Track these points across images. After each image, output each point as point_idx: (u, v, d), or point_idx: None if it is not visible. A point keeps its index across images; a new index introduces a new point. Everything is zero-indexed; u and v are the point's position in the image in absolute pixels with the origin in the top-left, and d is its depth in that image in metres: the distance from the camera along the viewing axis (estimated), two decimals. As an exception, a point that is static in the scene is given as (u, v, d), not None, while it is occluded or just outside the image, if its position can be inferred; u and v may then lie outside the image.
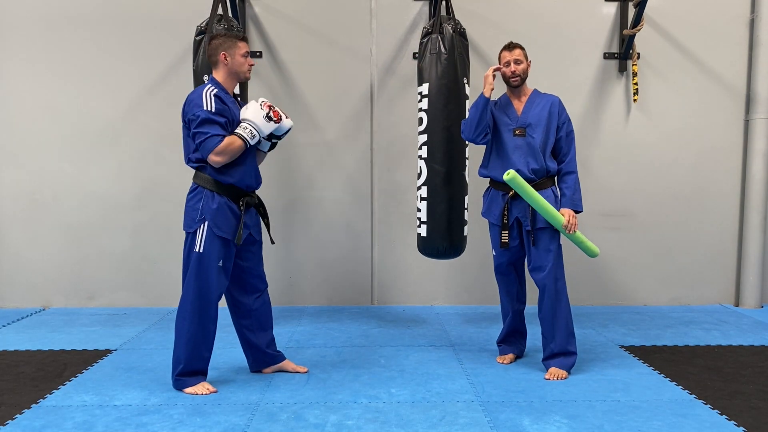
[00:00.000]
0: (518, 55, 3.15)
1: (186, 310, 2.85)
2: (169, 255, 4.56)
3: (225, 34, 2.93)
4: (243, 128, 2.81)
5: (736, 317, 4.34)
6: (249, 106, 2.88)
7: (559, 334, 3.11)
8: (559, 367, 3.11)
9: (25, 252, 4.60)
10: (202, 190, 2.84)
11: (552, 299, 3.11)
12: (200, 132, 2.75)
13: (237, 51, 2.86)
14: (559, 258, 3.14)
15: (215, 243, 2.82)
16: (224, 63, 2.86)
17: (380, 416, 2.63)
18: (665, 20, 4.59)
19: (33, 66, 4.50)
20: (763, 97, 4.54)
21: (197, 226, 2.82)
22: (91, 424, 2.56)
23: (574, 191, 3.13)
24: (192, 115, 2.77)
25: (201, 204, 2.82)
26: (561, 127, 3.17)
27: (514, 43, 3.20)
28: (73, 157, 4.55)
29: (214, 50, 2.87)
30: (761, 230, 4.62)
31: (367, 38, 4.58)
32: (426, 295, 4.73)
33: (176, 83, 4.46)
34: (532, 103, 3.20)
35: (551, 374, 3.09)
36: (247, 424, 2.55)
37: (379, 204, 4.67)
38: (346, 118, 4.59)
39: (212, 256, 2.82)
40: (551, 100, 3.20)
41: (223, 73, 2.89)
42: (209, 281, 2.83)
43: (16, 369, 3.23)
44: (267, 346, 3.12)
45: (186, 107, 2.82)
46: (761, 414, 2.65)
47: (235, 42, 2.87)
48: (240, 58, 2.87)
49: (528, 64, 3.19)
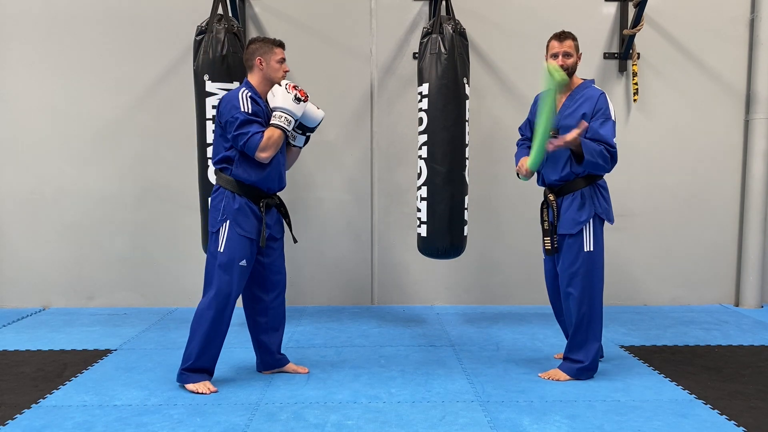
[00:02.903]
0: (568, 47, 2.93)
1: (205, 308, 2.88)
2: (169, 255, 4.56)
3: (263, 39, 2.98)
4: (277, 117, 2.85)
5: (736, 317, 4.34)
6: (275, 92, 2.90)
7: (572, 339, 3.06)
8: (562, 370, 3.07)
9: (25, 252, 4.60)
10: (223, 191, 2.89)
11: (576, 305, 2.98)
12: (242, 133, 2.80)
13: (272, 57, 2.92)
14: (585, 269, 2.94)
15: (237, 242, 2.86)
16: (259, 68, 2.92)
17: (380, 416, 2.63)
18: (665, 20, 4.59)
19: (33, 66, 4.50)
20: (763, 97, 4.53)
21: (219, 225, 2.87)
22: (91, 424, 2.56)
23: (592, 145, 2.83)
24: (231, 117, 2.82)
25: (222, 204, 2.88)
26: (595, 119, 2.89)
27: (566, 32, 2.96)
28: (73, 157, 4.55)
29: (250, 55, 2.93)
30: (761, 230, 4.62)
31: (367, 38, 4.58)
32: (426, 295, 4.73)
33: (176, 83, 4.46)
34: (572, 100, 2.96)
35: (547, 374, 3.07)
36: (247, 424, 2.55)
37: (379, 204, 4.67)
38: (346, 118, 4.59)
39: (234, 256, 2.86)
40: (590, 96, 2.93)
41: (258, 78, 2.94)
42: (231, 281, 2.87)
43: (16, 369, 3.23)
44: (277, 350, 3.15)
45: (222, 109, 2.86)
46: (761, 414, 2.65)
47: (272, 48, 2.93)
48: (275, 64, 2.93)
49: (578, 57, 2.97)
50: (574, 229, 2.94)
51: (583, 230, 2.95)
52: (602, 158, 2.86)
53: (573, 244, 2.96)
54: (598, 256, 2.97)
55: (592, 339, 3.02)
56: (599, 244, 2.98)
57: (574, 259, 2.96)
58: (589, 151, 2.82)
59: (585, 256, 2.95)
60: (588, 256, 2.95)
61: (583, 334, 3.01)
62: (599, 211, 2.97)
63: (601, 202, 2.99)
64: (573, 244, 2.96)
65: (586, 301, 2.97)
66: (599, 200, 2.99)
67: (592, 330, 3.01)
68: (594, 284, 2.98)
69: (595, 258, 2.96)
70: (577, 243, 2.95)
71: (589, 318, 2.99)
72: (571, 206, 2.97)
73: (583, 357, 3.03)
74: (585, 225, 2.94)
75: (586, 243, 2.95)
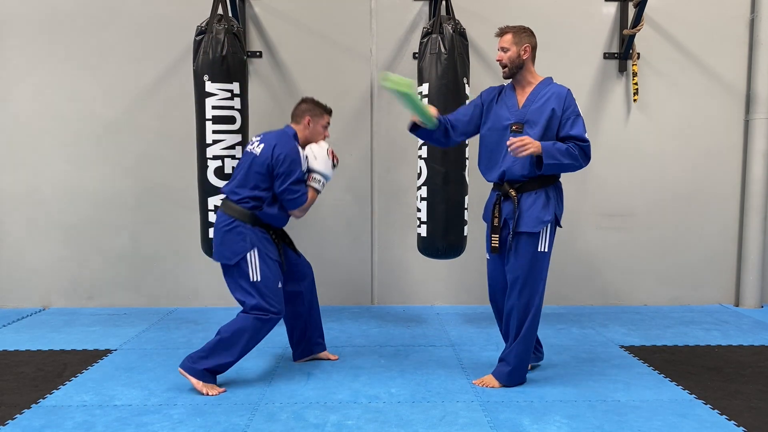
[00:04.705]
0: (505, 42, 2.85)
1: (248, 327, 2.92)
2: (168, 255, 4.56)
3: (315, 102, 3.19)
4: (317, 182, 3.12)
5: (736, 317, 4.34)
6: (318, 156, 3.10)
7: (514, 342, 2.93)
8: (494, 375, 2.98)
9: (25, 252, 4.60)
10: (241, 224, 2.98)
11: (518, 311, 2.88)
12: (294, 189, 3.00)
13: (320, 121, 3.17)
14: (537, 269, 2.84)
15: (271, 266, 2.99)
16: (306, 126, 3.14)
17: (380, 416, 2.63)
18: (665, 20, 4.59)
19: (33, 66, 4.50)
20: (763, 97, 4.53)
21: (244, 254, 2.94)
22: (91, 424, 2.56)
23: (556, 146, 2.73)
24: (289, 170, 2.98)
25: (247, 235, 2.96)
26: (564, 117, 2.79)
27: (502, 28, 2.91)
28: (73, 157, 4.55)
29: (302, 112, 3.16)
30: (761, 230, 4.62)
31: (367, 38, 4.58)
32: (426, 295, 4.73)
33: (176, 83, 4.46)
34: (536, 96, 2.85)
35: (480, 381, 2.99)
36: (247, 424, 2.55)
37: (379, 204, 4.67)
38: (346, 118, 4.59)
39: (272, 278, 2.98)
40: (557, 93, 2.82)
41: (302, 134, 3.15)
42: (273, 301, 2.97)
43: (16, 369, 3.23)
44: (318, 335, 3.37)
45: (281, 157, 2.97)
46: (761, 414, 2.65)
47: (322, 114, 3.18)
48: (320, 128, 3.18)
49: (522, 50, 2.83)
50: (537, 228, 2.81)
51: (543, 230, 2.83)
52: (569, 157, 2.76)
53: (529, 243, 2.83)
54: (548, 257, 2.88)
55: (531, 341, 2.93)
56: (551, 245, 2.87)
57: (531, 259, 2.83)
58: (550, 155, 2.72)
59: (540, 257, 2.84)
60: (542, 256, 2.85)
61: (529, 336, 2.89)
62: (558, 212, 2.90)
63: (560, 203, 2.93)
64: (529, 243, 2.83)
65: (535, 302, 2.87)
66: (559, 201, 2.92)
67: (532, 332, 2.91)
68: (541, 286, 2.88)
69: (546, 259, 2.88)
70: (534, 243, 2.83)
71: (533, 320, 2.89)
72: (534, 204, 2.83)
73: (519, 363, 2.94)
74: (547, 225, 2.83)
75: (541, 243, 2.83)
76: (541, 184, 2.85)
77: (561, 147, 2.77)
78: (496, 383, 2.96)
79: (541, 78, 2.91)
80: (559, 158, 2.74)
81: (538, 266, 2.85)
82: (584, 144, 2.80)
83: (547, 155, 2.72)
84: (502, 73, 2.91)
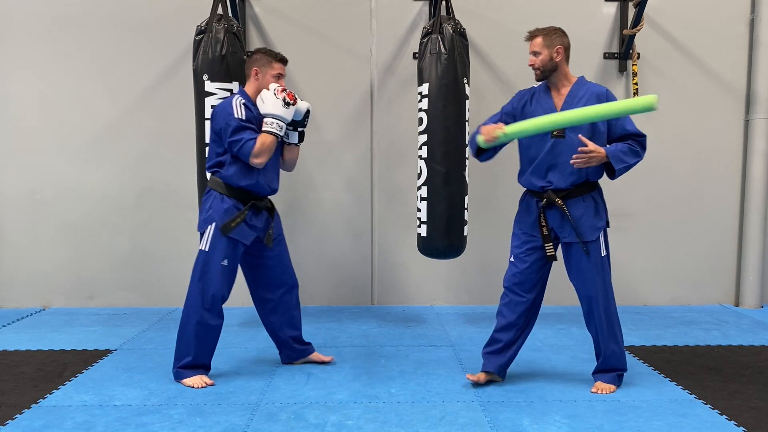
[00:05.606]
0: (536, 46, 2.78)
1: (190, 305, 2.95)
2: (169, 255, 4.56)
3: (265, 51, 3.01)
4: (269, 124, 2.90)
5: (736, 317, 4.34)
6: (264, 98, 2.93)
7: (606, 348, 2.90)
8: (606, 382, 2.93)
9: (25, 252, 4.60)
10: (213, 193, 2.95)
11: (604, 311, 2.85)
12: (236, 139, 2.85)
13: (269, 71, 2.96)
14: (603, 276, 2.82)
15: (220, 242, 2.91)
16: (255, 78, 2.97)
17: (380, 416, 2.63)
18: (665, 20, 4.59)
19: (33, 66, 4.50)
20: (763, 97, 4.53)
21: (206, 226, 2.93)
22: (91, 424, 2.56)
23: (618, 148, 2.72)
24: (224, 124, 2.88)
25: (210, 205, 2.94)
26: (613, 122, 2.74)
27: (532, 31, 2.83)
28: (73, 157, 4.55)
29: (249, 64, 2.99)
30: (761, 230, 4.62)
31: (367, 38, 4.58)
32: (426, 295, 4.73)
33: (176, 83, 4.46)
34: (573, 97, 2.77)
35: (596, 388, 2.92)
36: (247, 424, 2.55)
37: (379, 204, 4.67)
38: (346, 118, 4.59)
39: (216, 255, 2.91)
40: (596, 93, 2.75)
41: (252, 88, 2.99)
42: (212, 279, 2.92)
43: (16, 369, 3.23)
44: (298, 343, 3.27)
45: (216, 117, 2.92)
46: (761, 414, 2.65)
47: (271, 62, 2.97)
48: (270, 78, 2.96)
49: (554, 52, 2.75)
50: (594, 235, 2.80)
51: (600, 236, 2.83)
52: (632, 154, 2.75)
53: (594, 250, 2.81)
54: (608, 260, 2.89)
55: (621, 343, 2.93)
56: (608, 247, 2.89)
57: (598, 265, 2.81)
58: (617, 159, 2.71)
59: (603, 261, 2.84)
60: (605, 260, 2.85)
61: (614, 340, 2.88)
62: (606, 214, 2.90)
63: (605, 204, 2.93)
64: (594, 250, 2.81)
65: (611, 305, 2.87)
66: (604, 203, 2.92)
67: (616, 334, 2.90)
68: (611, 292, 2.89)
69: (608, 262, 2.88)
70: (596, 248, 2.82)
71: (612, 322, 2.88)
72: (586, 212, 2.81)
73: (623, 363, 2.95)
74: (602, 230, 2.84)
75: (602, 248, 2.84)
76: (587, 189, 2.83)
77: (623, 148, 2.74)
78: (613, 387, 2.91)
79: (575, 78, 2.84)
80: (626, 160, 2.74)
81: (602, 273, 2.83)
82: (642, 138, 2.79)
83: (616, 160, 2.70)
84: (535, 76, 2.83)
